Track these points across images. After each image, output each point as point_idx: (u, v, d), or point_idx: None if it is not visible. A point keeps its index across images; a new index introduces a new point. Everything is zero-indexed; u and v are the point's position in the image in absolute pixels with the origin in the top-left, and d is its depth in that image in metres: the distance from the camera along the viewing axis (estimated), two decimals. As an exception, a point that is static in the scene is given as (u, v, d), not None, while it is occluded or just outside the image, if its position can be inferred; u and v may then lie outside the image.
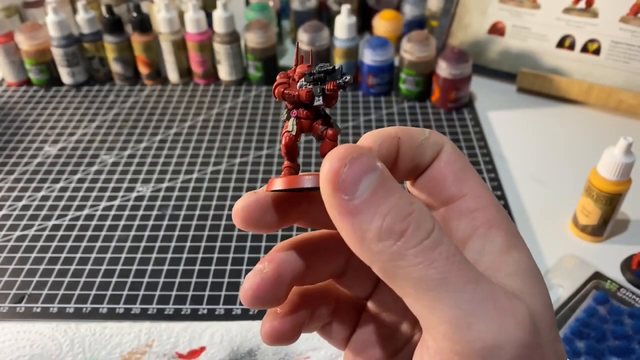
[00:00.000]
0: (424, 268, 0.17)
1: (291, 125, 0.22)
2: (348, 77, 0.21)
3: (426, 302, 0.18)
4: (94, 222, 0.61)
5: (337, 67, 0.21)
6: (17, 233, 0.60)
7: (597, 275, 0.53)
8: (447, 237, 0.18)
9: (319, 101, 0.21)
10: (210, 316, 0.51)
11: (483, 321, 0.17)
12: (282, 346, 0.23)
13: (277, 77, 0.22)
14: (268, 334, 0.23)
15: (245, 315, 0.51)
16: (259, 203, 0.22)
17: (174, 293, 0.53)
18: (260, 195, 0.22)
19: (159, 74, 0.87)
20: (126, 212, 0.63)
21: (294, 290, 0.24)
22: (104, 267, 0.56)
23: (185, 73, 0.87)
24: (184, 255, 0.57)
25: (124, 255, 0.57)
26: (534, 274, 0.20)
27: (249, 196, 0.22)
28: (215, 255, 0.57)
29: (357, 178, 0.18)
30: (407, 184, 0.24)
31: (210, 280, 0.54)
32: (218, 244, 0.58)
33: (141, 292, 0.53)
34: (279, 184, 0.21)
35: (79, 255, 0.58)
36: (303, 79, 0.21)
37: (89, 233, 0.60)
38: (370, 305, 0.26)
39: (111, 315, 0.51)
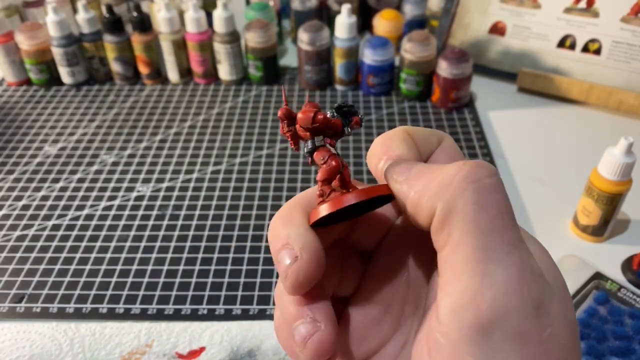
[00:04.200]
0: (478, 209, 0.18)
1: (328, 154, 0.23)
2: (362, 113, 0.22)
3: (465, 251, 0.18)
4: (94, 222, 0.61)
5: (353, 105, 0.23)
6: (17, 233, 0.60)
7: (598, 276, 0.53)
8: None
9: (348, 132, 0.23)
10: (210, 316, 0.51)
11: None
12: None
13: (305, 108, 0.23)
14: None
15: (245, 316, 0.51)
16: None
17: (174, 293, 0.53)
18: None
19: (159, 74, 0.87)
20: (126, 212, 0.63)
21: None
22: (103, 267, 0.56)
23: (186, 73, 0.87)
24: (184, 255, 0.57)
25: (124, 255, 0.57)
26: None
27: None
28: (216, 255, 0.57)
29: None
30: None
31: (210, 280, 0.54)
32: (218, 244, 0.58)
33: (141, 292, 0.53)
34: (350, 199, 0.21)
35: (78, 255, 0.57)
36: (331, 112, 0.23)
37: (89, 233, 0.60)
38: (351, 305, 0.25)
39: (111, 315, 0.51)
